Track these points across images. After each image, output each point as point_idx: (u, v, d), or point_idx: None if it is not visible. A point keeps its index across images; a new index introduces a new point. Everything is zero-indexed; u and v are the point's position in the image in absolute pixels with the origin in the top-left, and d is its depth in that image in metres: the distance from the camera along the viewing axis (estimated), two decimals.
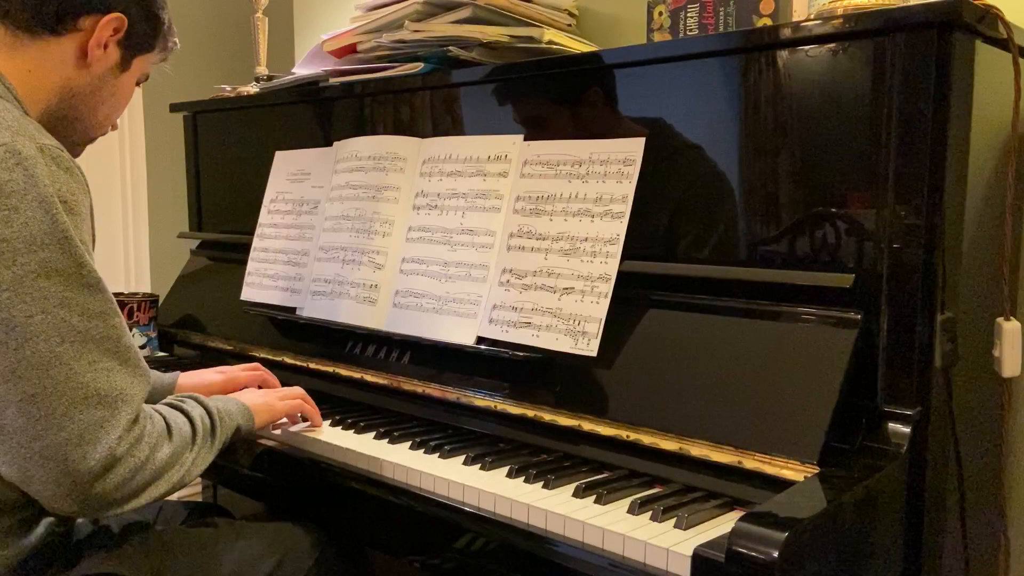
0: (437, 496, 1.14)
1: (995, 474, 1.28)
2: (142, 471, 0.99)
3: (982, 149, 1.11)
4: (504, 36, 1.51)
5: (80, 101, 1.15)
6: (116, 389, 0.97)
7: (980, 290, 1.15)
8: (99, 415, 0.95)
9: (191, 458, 1.08)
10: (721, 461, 1.06)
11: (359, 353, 1.53)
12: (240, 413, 1.23)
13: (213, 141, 2.10)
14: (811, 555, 0.86)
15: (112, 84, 1.17)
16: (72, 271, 0.96)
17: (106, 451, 0.95)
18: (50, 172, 0.97)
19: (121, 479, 0.97)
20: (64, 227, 0.95)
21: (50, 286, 0.94)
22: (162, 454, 1.02)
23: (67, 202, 0.97)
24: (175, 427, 1.07)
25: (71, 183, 0.99)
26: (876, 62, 1.05)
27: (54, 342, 0.94)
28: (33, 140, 0.97)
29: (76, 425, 0.94)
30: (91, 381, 0.95)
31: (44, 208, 0.94)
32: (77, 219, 0.98)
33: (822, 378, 1.04)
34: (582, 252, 1.28)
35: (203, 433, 1.12)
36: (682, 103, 1.24)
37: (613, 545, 0.97)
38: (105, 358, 0.97)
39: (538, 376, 1.28)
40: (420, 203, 1.52)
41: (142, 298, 1.90)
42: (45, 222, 0.94)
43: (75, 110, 1.15)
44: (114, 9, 1.12)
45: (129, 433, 0.97)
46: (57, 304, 0.94)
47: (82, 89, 1.14)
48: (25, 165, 0.95)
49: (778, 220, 1.15)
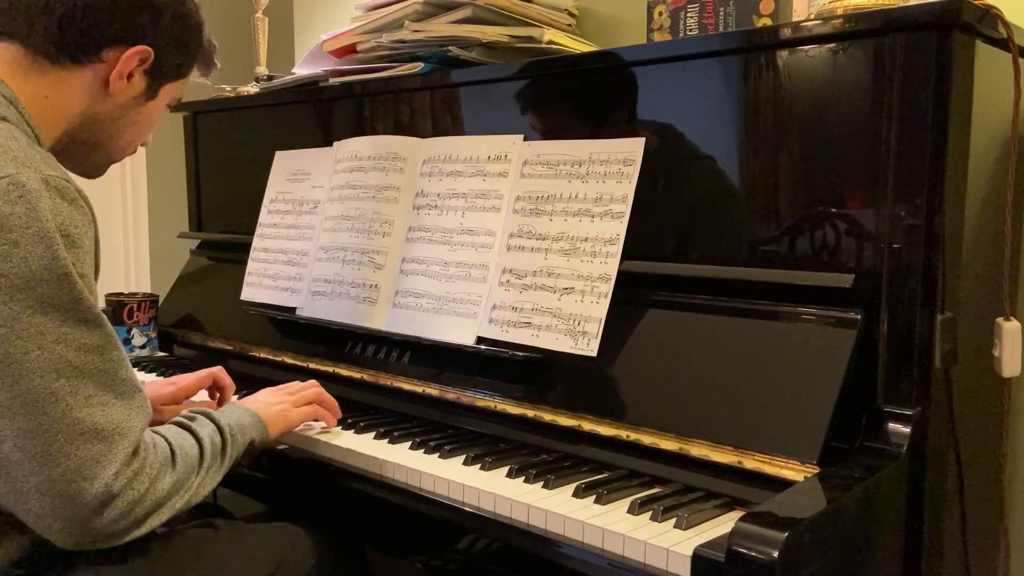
0: (437, 496, 1.14)
1: (995, 474, 1.28)
2: (141, 503, 0.98)
3: (982, 149, 1.11)
4: (504, 36, 1.51)
5: (100, 128, 1.12)
6: (113, 423, 0.96)
7: (980, 290, 1.15)
8: (96, 450, 0.94)
9: (197, 482, 1.06)
10: (721, 461, 1.06)
11: (359, 353, 1.53)
12: (254, 426, 1.20)
13: (213, 141, 2.10)
14: (811, 555, 0.86)
15: (136, 112, 1.14)
16: (70, 307, 0.94)
17: (103, 486, 0.94)
18: (53, 205, 0.95)
19: (119, 513, 0.96)
20: (63, 263, 0.94)
21: (47, 322, 0.93)
22: (163, 484, 1.01)
23: (69, 236, 0.95)
24: (180, 453, 1.05)
25: (75, 215, 0.97)
26: (876, 62, 1.05)
27: (50, 378, 0.93)
28: (38, 172, 0.96)
29: (72, 461, 0.93)
30: (87, 416, 0.94)
31: (45, 244, 0.93)
32: (79, 252, 0.97)
33: (822, 378, 1.04)
34: (582, 252, 1.28)
35: (211, 454, 1.09)
36: (682, 103, 1.24)
37: (613, 545, 0.97)
38: (101, 392, 0.96)
39: (538, 376, 1.28)
40: (420, 203, 1.52)
41: (142, 298, 1.90)
42: (45, 257, 0.93)
43: (95, 136, 1.13)
44: (141, 42, 1.09)
45: (128, 467, 0.96)
46: (54, 340, 0.93)
47: (103, 117, 1.11)
48: (28, 199, 0.93)
49: (778, 220, 1.15)
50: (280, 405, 1.27)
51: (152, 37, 1.10)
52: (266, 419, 1.23)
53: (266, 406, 1.26)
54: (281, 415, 1.26)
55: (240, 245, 1.88)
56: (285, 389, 1.33)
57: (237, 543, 1.20)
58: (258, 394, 1.32)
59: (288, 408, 1.28)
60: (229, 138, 2.06)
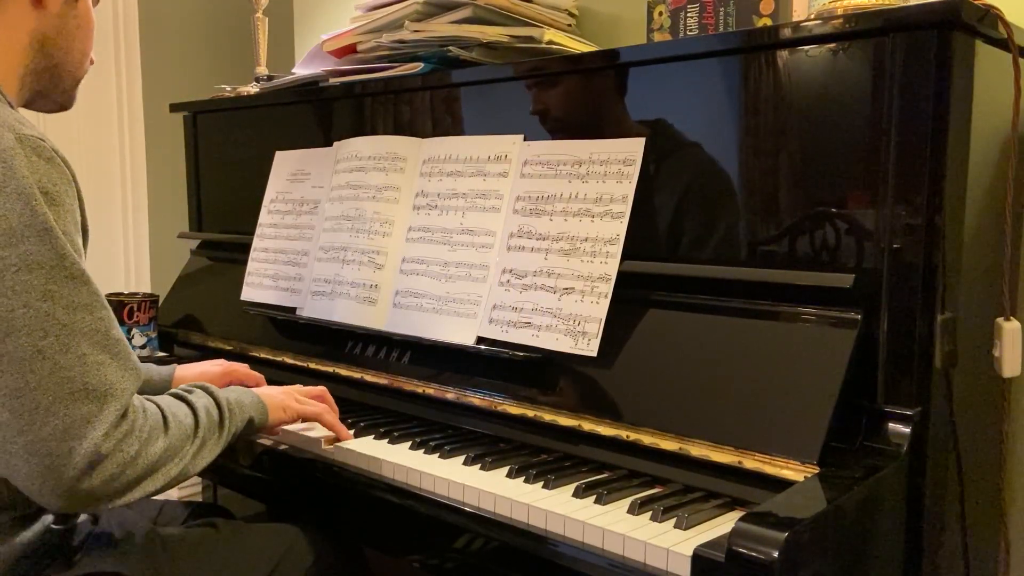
0: (437, 496, 1.14)
1: (995, 474, 1.28)
2: (132, 466, 0.96)
3: (982, 149, 1.11)
4: (504, 36, 1.51)
5: (52, 46, 1.12)
6: (106, 383, 0.95)
7: (980, 290, 1.15)
8: (85, 410, 0.93)
9: (192, 451, 1.05)
10: (721, 461, 1.06)
11: (359, 353, 1.53)
12: (253, 406, 1.20)
13: (213, 141, 2.10)
14: (811, 555, 0.86)
15: (73, 17, 1.13)
16: (54, 263, 0.94)
17: (91, 447, 0.93)
18: (30, 163, 0.95)
19: (109, 475, 0.94)
20: (44, 218, 0.94)
21: (32, 279, 0.92)
22: (155, 448, 0.99)
23: (48, 193, 0.95)
24: (173, 420, 1.04)
25: (52, 173, 0.97)
26: (876, 62, 1.05)
27: (36, 336, 0.92)
28: (12, 131, 0.96)
29: (61, 420, 0.92)
30: (79, 375, 0.93)
31: (24, 200, 0.93)
32: (60, 210, 0.96)
33: (822, 378, 1.04)
34: (582, 252, 1.28)
35: (208, 424, 1.09)
36: (682, 103, 1.24)
37: (613, 545, 0.97)
38: (95, 351, 0.95)
39: (538, 376, 1.28)
40: (420, 203, 1.52)
41: (142, 298, 1.90)
42: (25, 214, 0.93)
43: (52, 58, 1.12)
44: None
45: (116, 428, 0.95)
46: (40, 297, 0.93)
47: (49, 33, 1.11)
48: (3, 157, 0.93)
49: (778, 220, 1.15)
50: (284, 396, 1.28)
51: None
52: (267, 403, 1.23)
53: (271, 392, 1.27)
54: (282, 404, 1.26)
55: (240, 245, 1.88)
56: (291, 388, 1.33)
57: (237, 543, 1.20)
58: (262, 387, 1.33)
59: (291, 402, 1.28)
60: (229, 138, 2.06)
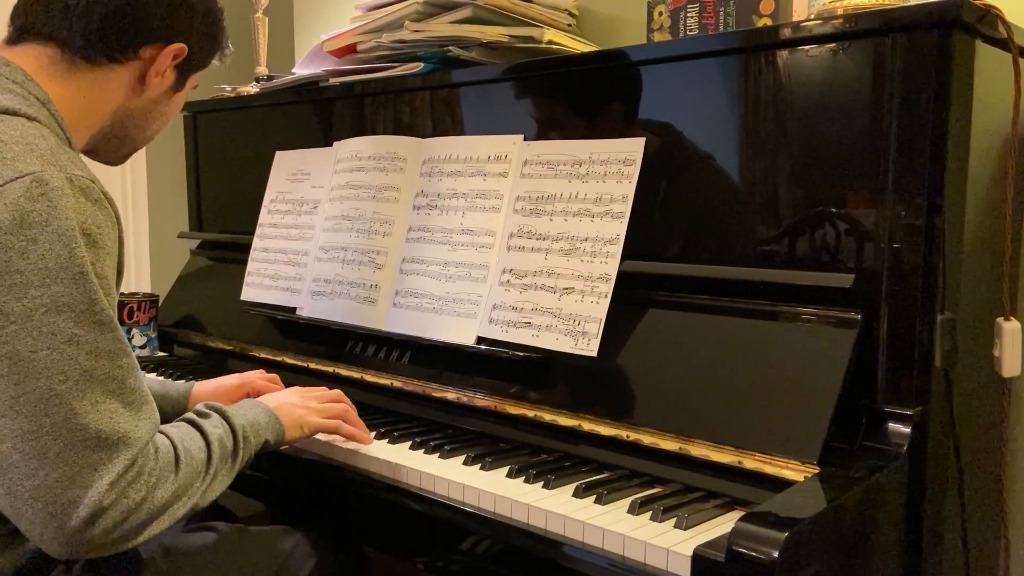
0: (437, 496, 1.14)
1: (995, 474, 1.28)
2: (137, 512, 0.93)
3: (982, 149, 1.11)
4: (504, 36, 1.51)
5: (132, 123, 1.14)
6: (118, 432, 0.92)
7: (980, 290, 1.15)
8: (94, 458, 0.91)
9: (202, 488, 1.02)
10: (721, 461, 1.06)
11: (359, 353, 1.53)
12: (269, 427, 1.16)
13: (213, 141, 2.10)
14: (811, 555, 0.86)
15: (164, 104, 1.16)
16: (84, 307, 0.92)
17: (96, 497, 0.90)
18: (76, 204, 0.94)
19: (112, 524, 0.92)
20: (81, 262, 0.92)
21: (60, 321, 0.91)
22: (163, 492, 0.96)
23: (91, 235, 0.94)
24: (185, 456, 1.00)
25: (98, 215, 0.96)
26: (876, 62, 1.05)
27: (56, 380, 0.90)
28: (64, 171, 0.94)
29: (69, 467, 0.90)
30: (92, 423, 0.91)
31: (63, 241, 0.92)
32: (100, 252, 0.95)
33: (822, 378, 1.04)
34: (582, 252, 1.28)
35: (220, 456, 1.05)
36: (682, 103, 1.24)
37: (613, 545, 0.97)
38: (108, 399, 0.93)
39: (538, 376, 1.28)
40: (420, 203, 1.52)
41: (142, 298, 1.90)
42: (63, 256, 0.91)
43: (125, 130, 1.14)
44: (177, 39, 1.10)
45: (123, 477, 0.92)
46: (65, 341, 0.91)
47: (135, 111, 1.13)
48: (50, 196, 0.92)
49: (778, 220, 1.15)
50: (301, 410, 1.22)
51: (187, 33, 1.12)
52: (284, 421, 1.18)
53: (288, 407, 1.21)
54: (301, 420, 1.21)
55: (240, 245, 1.88)
56: (312, 394, 1.28)
57: (238, 550, 1.19)
58: (282, 392, 1.28)
59: (309, 416, 1.23)
60: (229, 138, 2.06)
